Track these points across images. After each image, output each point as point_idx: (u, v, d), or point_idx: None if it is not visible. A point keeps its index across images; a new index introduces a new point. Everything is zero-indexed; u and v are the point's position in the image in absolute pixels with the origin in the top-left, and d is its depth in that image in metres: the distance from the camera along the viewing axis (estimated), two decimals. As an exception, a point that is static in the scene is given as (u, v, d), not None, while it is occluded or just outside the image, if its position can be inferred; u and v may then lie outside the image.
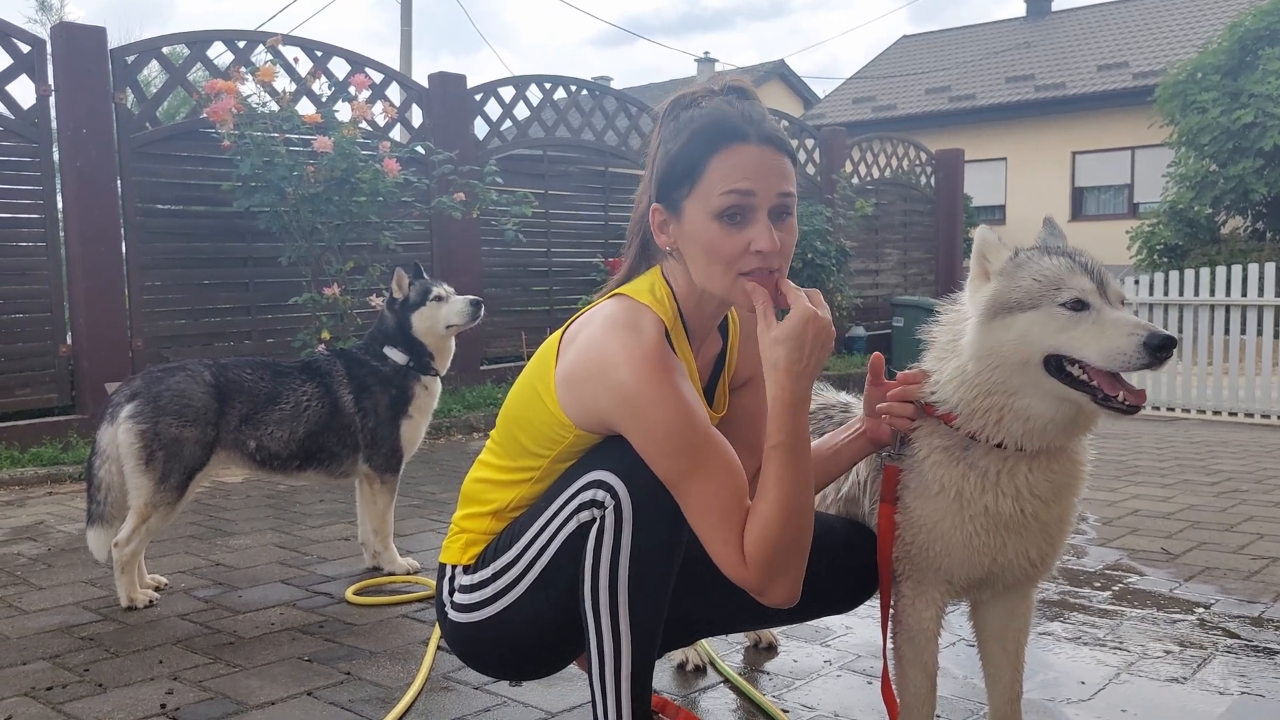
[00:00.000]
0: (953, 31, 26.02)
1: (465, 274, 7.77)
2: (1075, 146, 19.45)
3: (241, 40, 6.91)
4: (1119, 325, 1.65)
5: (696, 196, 1.62)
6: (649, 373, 1.56)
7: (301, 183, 6.19)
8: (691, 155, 1.63)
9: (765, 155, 1.61)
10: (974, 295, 1.80)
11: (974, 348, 1.75)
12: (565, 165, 8.95)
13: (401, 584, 3.50)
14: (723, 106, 1.66)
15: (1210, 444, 6.85)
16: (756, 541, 1.57)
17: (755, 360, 1.81)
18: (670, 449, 1.56)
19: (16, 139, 5.98)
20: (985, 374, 1.74)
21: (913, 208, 12.55)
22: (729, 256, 1.61)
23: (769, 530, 1.56)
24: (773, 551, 1.57)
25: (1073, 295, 1.69)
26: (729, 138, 1.61)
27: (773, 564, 1.57)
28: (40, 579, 3.60)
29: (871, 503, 1.99)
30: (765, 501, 1.58)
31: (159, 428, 3.18)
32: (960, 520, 1.81)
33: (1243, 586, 3.40)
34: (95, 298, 6.15)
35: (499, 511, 1.81)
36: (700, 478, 1.57)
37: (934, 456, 1.83)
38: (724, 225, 1.60)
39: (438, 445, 6.48)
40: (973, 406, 1.76)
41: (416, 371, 3.66)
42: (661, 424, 1.56)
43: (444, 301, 3.71)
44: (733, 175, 1.59)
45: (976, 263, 1.81)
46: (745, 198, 1.59)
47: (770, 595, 1.59)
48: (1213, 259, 12.72)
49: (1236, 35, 13.94)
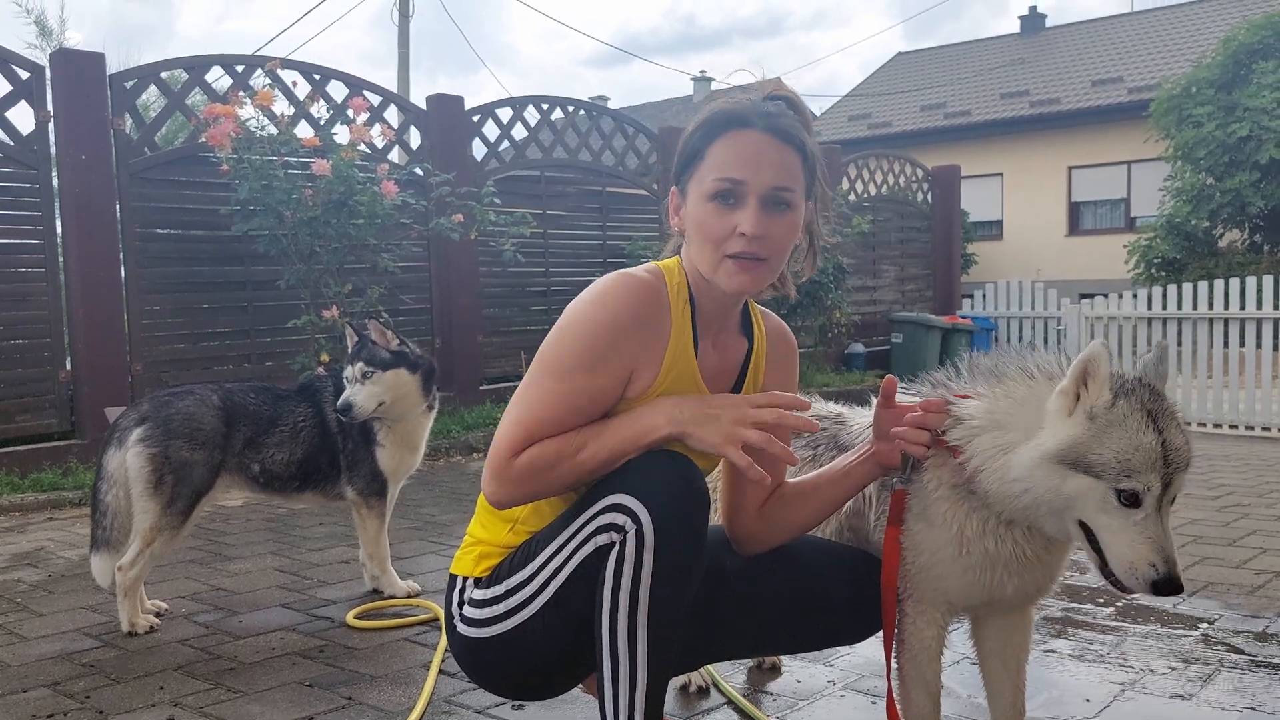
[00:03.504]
0: (947, 49, 26.14)
1: (463, 294, 7.79)
2: (1071, 161, 19.51)
3: (240, 65, 6.94)
4: (1148, 545, 1.62)
5: (696, 178, 1.71)
6: (607, 293, 1.68)
7: (300, 206, 6.20)
8: (697, 140, 1.72)
9: (765, 143, 1.67)
10: (1057, 415, 1.68)
11: (1025, 473, 1.67)
12: (563, 185, 8.98)
13: (402, 607, 3.48)
14: (742, 100, 1.73)
15: (1211, 457, 6.84)
16: (534, 456, 1.64)
17: (772, 382, 1.90)
18: (562, 346, 1.67)
19: (15, 165, 5.99)
20: (1021, 496, 1.69)
21: (910, 224, 12.57)
22: (717, 237, 1.67)
23: (549, 457, 1.64)
24: (531, 473, 1.64)
25: (1133, 489, 1.62)
26: (733, 124, 1.69)
27: (522, 475, 1.64)
28: (41, 605, 3.58)
29: (878, 518, 1.99)
30: (574, 442, 1.65)
31: (169, 451, 3.18)
32: (959, 554, 1.81)
33: (1246, 601, 3.40)
34: (95, 323, 6.15)
35: (514, 521, 1.80)
36: (552, 392, 1.65)
37: (942, 491, 1.82)
38: (716, 206, 1.67)
39: (437, 467, 6.47)
40: (994, 492, 1.73)
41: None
42: (580, 322, 1.67)
43: (349, 383, 3.41)
44: (728, 160, 1.67)
45: (1074, 380, 1.66)
46: (736, 184, 1.66)
47: (489, 488, 1.68)
48: (1211, 272, 12.76)
49: (1230, 49, 14.02)
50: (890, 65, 26.53)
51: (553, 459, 1.63)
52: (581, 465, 1.65)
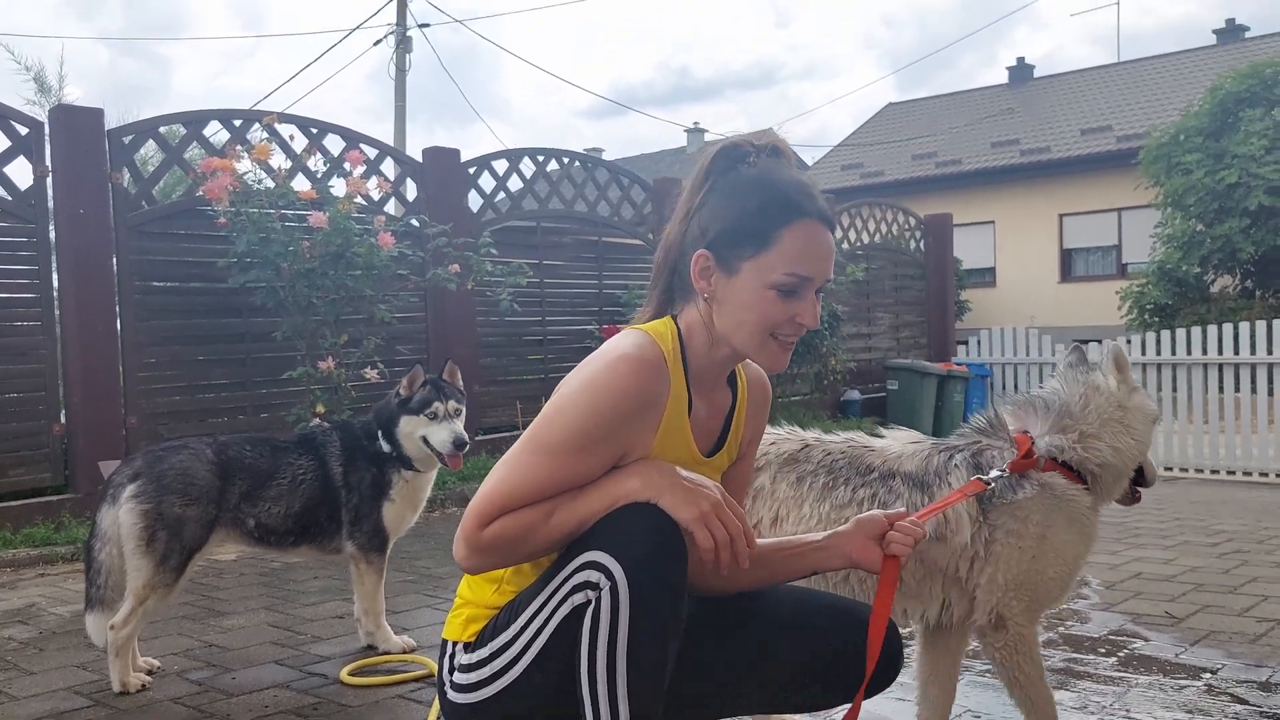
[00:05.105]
0: (937, 99, 26.46)
1: (460, 345, 7.79)
2: (1062, 209, 19.67)
3: (238, 119, 7.01)
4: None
5: (759, 264, 1.70)
6: (617, 376, 1.64)
7: (297, 258, 6.23)
8: (760, 223, 1.70)
9: (824, 236, 1.73)
10: (1137, 398, 2.38)
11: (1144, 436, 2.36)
12: (559, 236, 9.03)
13: (397, 663, 3.45)
14: (781, 173, 1.75)
15: (1210, 503, 6.82)
16: (506, 527, 1.62)
17: (749, 431, 1.92)
18: (551, 434, 1.63)
19: (14, 220, 6.02)
20: (1135, 447, 2.33)
21: (903, 272, 12.64)
22: (773, 323, 1.70)
23: (521, 531, 1.62)
24: (501, 543, 1.62)
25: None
26: (795, 213, 1.70)
27: (491, 545, 1.62)
28: (31, 664, 3.54)
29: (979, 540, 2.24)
30: (549, 513, 1.63)
31: (162, 507, 3.16)
32: (1086, 552, 2.33)
33: (1249, 650, 3.37)
34: (90, 376, 6.14)
35: (499, 580, 1.78)
36: (536, 470, 1.63)
37: (1078, 496, 2.27)
38: (777, 295, 1.70)
39: (432, 518, 6.43)
40: (1123, 452, 2.31)
41: (398, 463, 3.60)
42: (581, 406, 1.63)
43: (436, 420, 3.54)
44: (798, 256, 1.69)
45: (1114, 369, 2.37)
46: (804, 280, 1.70)
47: (458, 552, 1.66)
48: (1203, 318, 12.79)
49: (1217, 98, 14.20)
50: (881, 115, 26.83)
51: (523, 531, 1.62)
52: (550, 533, 1.63)
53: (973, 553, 2.23)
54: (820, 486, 2.30)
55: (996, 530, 2.22)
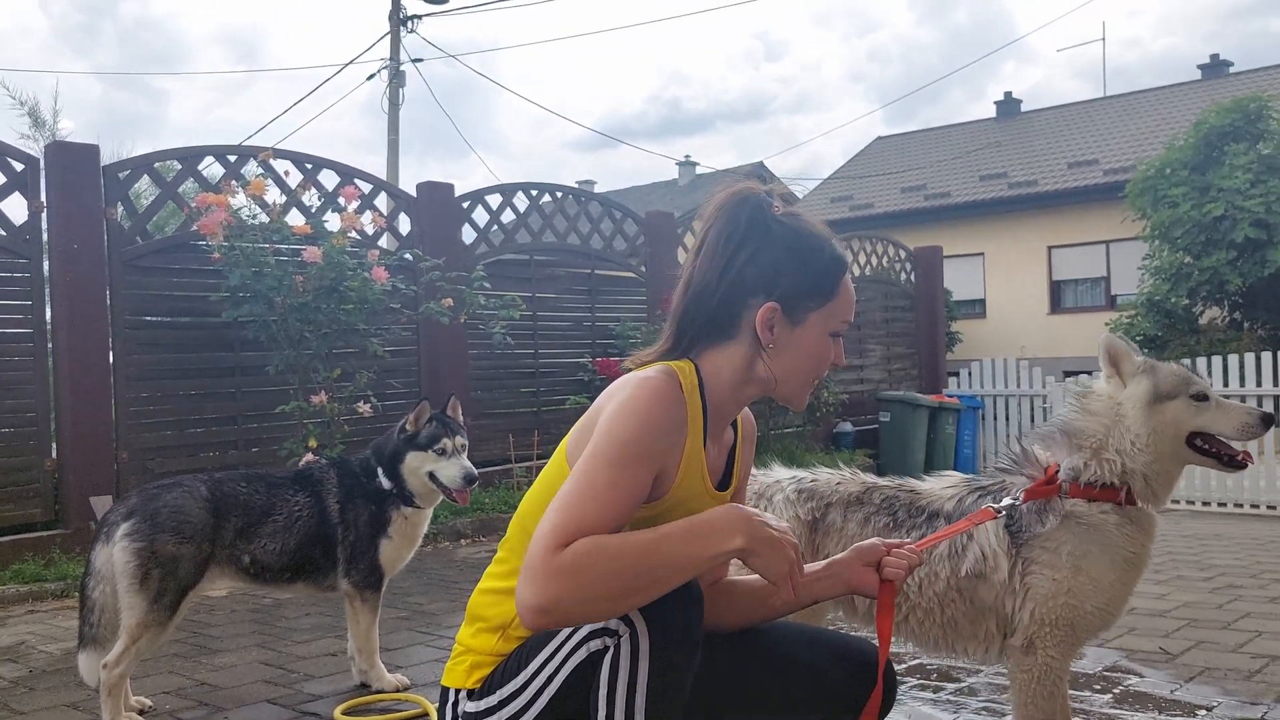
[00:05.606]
0: (926, 132, 26.68)
1: (452, 378, 7.79)
2: (1050, 241, 19.80)
3: (232, 154, 7.04)
4: (1239, 408, 2.38)
5: (824, 314, 1.82)
6: (654, 392, 1.65)
7: (290, 292, 6.24)
8: (825, 278, 1.82)
9: None
10: (1131, 386, 2.36)
11: (1143, 424, 2.31)
12: (552, 269, 9.07)
13: (391, 701, 3.42)
14: (820, 225, 1.87)
15: (1202, 537, 6.83)
16: (584, 545, 1.50)
17: (745, 465, 1.97)
18: (609, 447, 1.59)
19: (8, 255, 6.02)
20: (1153, 445, 2.30)
21: (894, 304, 12.69)
22: (823, 365, 1.85)
23: (601, 547, 1.51)
24: (581, 564, 1.49)
25: (1199, 389, 2.34)
26: (845, 265, 1.87)
27: (570, 571, 1.49)
28: (21, 703, 3.51)
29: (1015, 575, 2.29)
30: (626, 537, 1.55)
31: (155, 545, 3.15)
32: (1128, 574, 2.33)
33: (1244, 687, 3.37)
34: (82, 411, 6.13)
35: (504, 627, 1.76)
36: (600, 486, 1.56)
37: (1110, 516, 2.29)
38: (830, 340, 1.84)
39: (424, 553, 6.40)
40: (1146, 471, 2.30)
41: (398, 500, 3.61)
42: (629, 426, 1.61)
43: (444, 456, 3.59)
44: (849, 304, 1.86)
45: (1108, 363, 2.39)
46: (848, 325, 1.87)
47: (528, 592, 1.50)
48: (1192, 349, 12.87)
49: (1202, 132, 14.35)
50: (870, 148, 27.03)
51: (614, 550, 1.52)
52: (648, 561, 1.53)
53: (1011, 588, 2.29)
54: (882, 526, 2.47)
55: (1031, 564, 2.28)
